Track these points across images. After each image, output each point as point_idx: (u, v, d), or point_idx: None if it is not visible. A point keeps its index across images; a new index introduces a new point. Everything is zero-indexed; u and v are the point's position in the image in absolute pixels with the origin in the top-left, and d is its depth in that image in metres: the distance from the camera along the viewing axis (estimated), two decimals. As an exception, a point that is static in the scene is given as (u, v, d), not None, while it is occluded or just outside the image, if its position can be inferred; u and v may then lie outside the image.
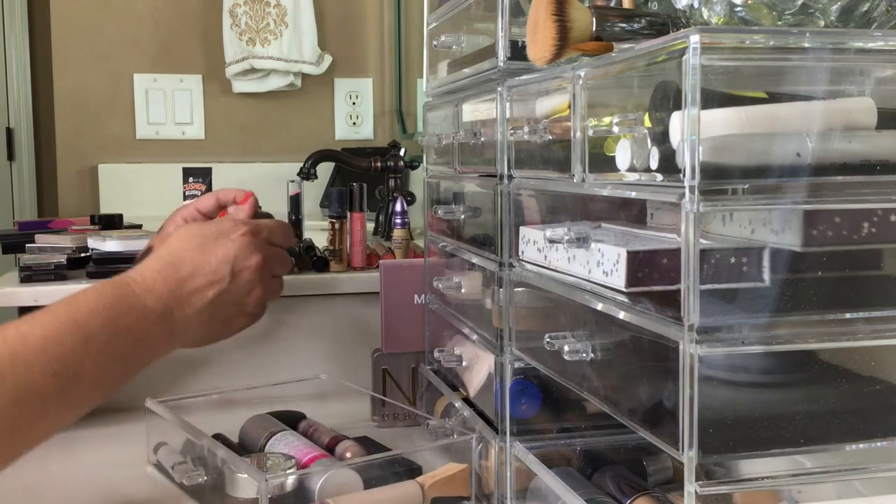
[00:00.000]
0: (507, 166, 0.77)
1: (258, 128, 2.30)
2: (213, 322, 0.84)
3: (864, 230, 0.55)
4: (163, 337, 0.79)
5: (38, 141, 3.32)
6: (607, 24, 0.61)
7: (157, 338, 0.78)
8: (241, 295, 0.85)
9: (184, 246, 0.83)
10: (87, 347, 0.70)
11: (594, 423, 0.75)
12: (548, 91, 0.70)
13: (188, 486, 0.83)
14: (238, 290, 0.85)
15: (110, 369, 0.73)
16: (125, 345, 0.74)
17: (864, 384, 0.56)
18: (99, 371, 0.71)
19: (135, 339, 0.75)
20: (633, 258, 0.57)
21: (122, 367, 0.75)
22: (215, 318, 0.84)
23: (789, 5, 0.56)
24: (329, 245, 1.21)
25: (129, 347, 0.75)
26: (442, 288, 0.92)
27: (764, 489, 0.56)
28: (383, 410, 1.03)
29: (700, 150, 0.49)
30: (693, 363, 0.50)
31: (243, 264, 0.85)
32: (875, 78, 0.56)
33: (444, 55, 0.97)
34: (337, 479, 0.76)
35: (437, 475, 0.78)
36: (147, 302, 0.77)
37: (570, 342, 0.63)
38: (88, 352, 0.70)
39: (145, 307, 0.77)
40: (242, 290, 0.85)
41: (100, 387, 0.72)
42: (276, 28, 2.22)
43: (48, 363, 0.67)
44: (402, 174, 1.59)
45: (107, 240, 1.18)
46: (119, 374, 0.74)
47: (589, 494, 0.67)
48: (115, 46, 2.22)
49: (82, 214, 1.68)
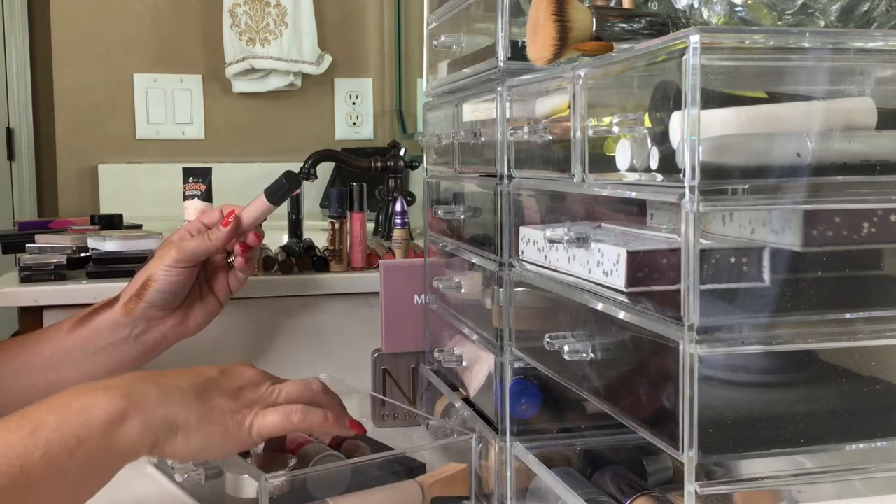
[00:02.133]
0: (507, 166, 0.77)
1: (258, 128, 2.30)
2: (202, 406, 0.71)
3: (864, 230, 0.55)
4: (119, 408, 0.66)
5: (38, 141, 3.32)
6: (607, 24, 0.61)
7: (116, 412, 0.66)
8: (233, 388, 0.75)
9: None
10: (34, 439, 0.62)
11: (594, 423, 0.76)
12: (548, 91, 0.70)
13: (188, 486, 0.83)
14: (228, 383, 0.75)
15: (63, 465, 0.63)
16: (79, 425, 0.64)
17: (864, 384, 0.56)
18: (50, 466, 0.62)
19: (88, 417, 0.65)
20: (633, 258, 0.57)
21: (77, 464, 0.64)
22: (204, 402, 0.72)
23: (789, 5, 0.56)
24: (329, 245, 1.21)
25: (81, 430, 0.64)
26: (442, 288, 0.92)
27: (764, 489, 0.56)
28: (383, 410, 1.03)
29: (700, 150, 0.49)
30: (693, 363, 0.50)
31: (238, 367, 0.78)
32: (875, 78, 0.56)
33: (444, 55, 0.97)
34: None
35: (436, 475, 0.78)
36: (110, 381, 0.69)
37: (570, 342, 0.63)
38: (37, 442, 0.62)
39: (107, 385, 0.68)
40: (235, 383, 0.75)
41: (55, 493, 0.63)
42: (276, 28, 2.22)
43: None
44: (402, 174, 1.59)
45: (107, 240, 1.18)
46: (74, 474, 0.64)
47: (589, 494, 0.67)
48: (115, 46, 2.22)
49: (82, 214, 1.68)
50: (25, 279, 1.13)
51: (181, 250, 0.94)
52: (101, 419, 0.65)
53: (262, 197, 0.98)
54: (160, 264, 0.94)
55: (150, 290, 0.94)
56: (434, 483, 0.77)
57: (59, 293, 1.13)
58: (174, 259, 0.94)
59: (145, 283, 0.94)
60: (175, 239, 0.98)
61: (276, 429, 0.74)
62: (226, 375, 0.76)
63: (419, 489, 0.76)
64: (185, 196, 1.46)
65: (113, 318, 0.95)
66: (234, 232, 0.96)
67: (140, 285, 0.94)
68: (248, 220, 0.98)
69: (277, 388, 0.77)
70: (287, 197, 0.99)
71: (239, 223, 0.96)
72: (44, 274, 1.14)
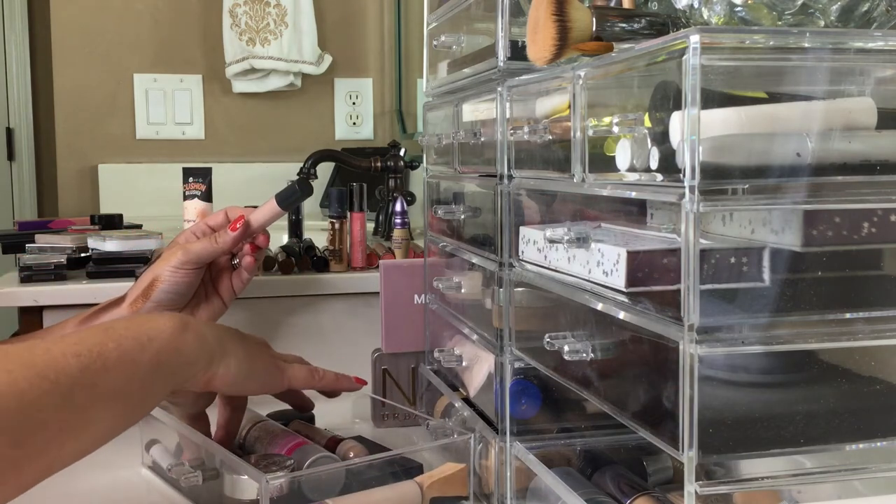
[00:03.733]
0: (507, 166, 0.77)
1: (258, 128, 2.30)
2: (248, 345, 0.81)
3: (864, 230, 0.55)
4: (181, 321, 0.73)
5: (38, 141, 3.32)
6: (607, 24, 0.61)
7: (178, 324, 0.73)
8: (264, 345, 0.87)
9: None
10: (107, 334, 0.67)
11: (594, 423, 0.75)
12: (548, 91, 0.70)
13: (185, 488, 0.83)
14: (259, 342, 0.87)
15: (135, 357, 0.68)
16: (148, 327, 0.70)
17: (864, 384, 0.56)
18: (123, 356, 0.66)
19: (156, 323, 0.71)
20: (633, 258, 0.57)
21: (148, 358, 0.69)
22: (248, 344, 0.81)
23: (789, 5, 0.56)
24: (329, 245, 1.21)
25: (151, 331, 0.70)
26: (442, 288, 0.92)
27: (764, 489, 0.56)
28: (383, 410, 1.03)
29: (700, 150, 0.49)
30: (693, 363, 0.50)
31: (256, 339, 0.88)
32: (875, 78, 0.56)
33: (444, 55, 0.97)
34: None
35: (435, 475, 0.78)
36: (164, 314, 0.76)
37: (570, 342, 0.63)
38: (110, 336, 0.67)
39: (162, 315, 0.75)
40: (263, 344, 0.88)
41: (126, 380, 0.67)
42: (276, 28, 2.22)
43: (68, 346, 0.64)
44: (402, 174, 1.59)
45: (107, 240, 1.18)
46: (145, 366, 0.69)
47: (589, 494, 0.67)
48: (115, 46, 2.22)
49: (82, 214, 1.68)
50: (25, 279, 1.13)
51: (187, 252, 0.95)
52: (168, 325, 0.71)
53: (273, 202, 0.99)
54: (166, 265, 0.95)
55: (157, 290, 0.95)
56: (433, 483, 0.77)
57: (59, 293, 1.13)
58: (180, 260, 0.95)
59: (152, 284, 0.95)
60: (181, 241, 0.99)
61: (304, 381, 0.86)
62: (254, 339, 0.85)
63: (418, 489, 0.76)
64: (185, 196, 1.46)
65: (119, 316, 0.95)
66: (242, 236, 0.98)
67: (146, 285, 0.95)
68: (256, 224, 0.99)
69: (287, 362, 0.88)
70: (297, 204, 1.00)
71: (248, 227, 0.97)
72: (44, 274, 1.14)
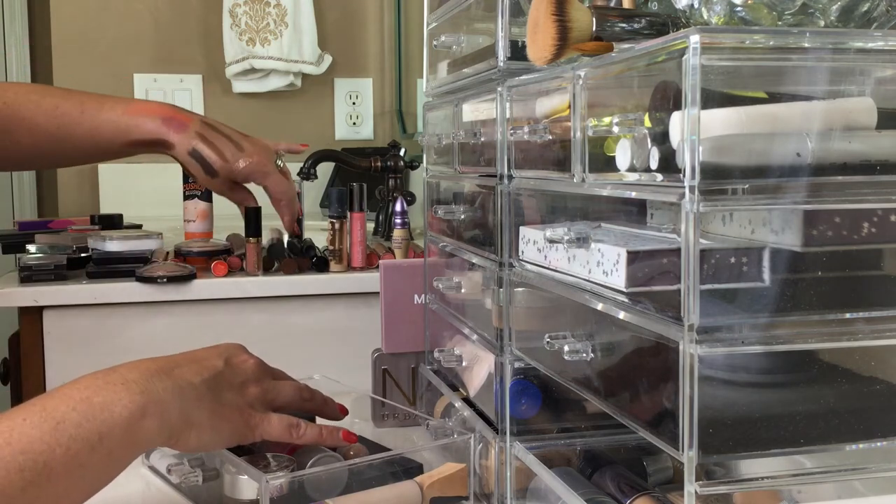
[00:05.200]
0: (507, 166, 0.77)
1: (258, 128, 2.29)
2: (214, 402, 0.74)
3: (864, 230, 0.55)
4: (139, 405, 0.68)
5: (38, 141, 3.31)
6: (607, 24, 0.61)
7: (136, 409, 0.68)
8: (238, 382, 0.78)
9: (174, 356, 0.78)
10: (57, 435, 0.63)
11: (594, 423, 0.75)
12: (548, 91, 0.70)
13: (185, 488, 0.83)
14: (234, 377, 0.78)
15: (84, 461, 0.64)
16: (101, 422, 0.66)
17: (864, 384, 0.56)
18: (71, 462, 0.63)
19: (111, 414, 0.66)
20: (633, 258, 0.57)
21: (98, 459, 0.65)
22: (216, 397, 0.75)
23: (789, 5, 0.56)
24: (329, 245, 1.21)
25: (104, 427, 0.66)
26: (442, 288, 0.92)
27: (764, 489, 0.56)
28: (383, 410, 1.03)
29: (700, 150, 0.49)
30: (693, 363, 0.50)
31: (238, 357, 0.80)
32: (875, 78, 0.56)
33: (444, 55, 0.97)
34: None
35: (435, 475, 0.78)
36: (127, 375, 0.70)
37: (570, 342, 0.63)
38: (58, 439, 0.63)
39: (125, 380, 0.69)
40: (239, 377, 0.78)
41: (73, 484, 0.64)
42: (276, 28, 2.22)
43: (14, 455, 0.61)
44: (402, 174, 1.59)
45: (107, 240, 1.18)
46: (94, 467, 0.65)
47: (589, 494, 0.67)
48: (115, 46, 2.22)
49: (82, 214, 1.68)
50: (25, 279, 1.13)
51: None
52: (123, 416, 0.67)
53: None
54: None
55: None
56: (433, 483, 0.77)
57: (59, 293, 1.13)
58: None
59: None
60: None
61: (278, 437, 0.79)
62: (230, 368, 0.79)
63: (418, 489, 0.76)
64: (185, 196, 1.46)
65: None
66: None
67: None
68: None
69: (275, 387, 0.82)
70: None
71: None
72: (44, 274, 1.14)
